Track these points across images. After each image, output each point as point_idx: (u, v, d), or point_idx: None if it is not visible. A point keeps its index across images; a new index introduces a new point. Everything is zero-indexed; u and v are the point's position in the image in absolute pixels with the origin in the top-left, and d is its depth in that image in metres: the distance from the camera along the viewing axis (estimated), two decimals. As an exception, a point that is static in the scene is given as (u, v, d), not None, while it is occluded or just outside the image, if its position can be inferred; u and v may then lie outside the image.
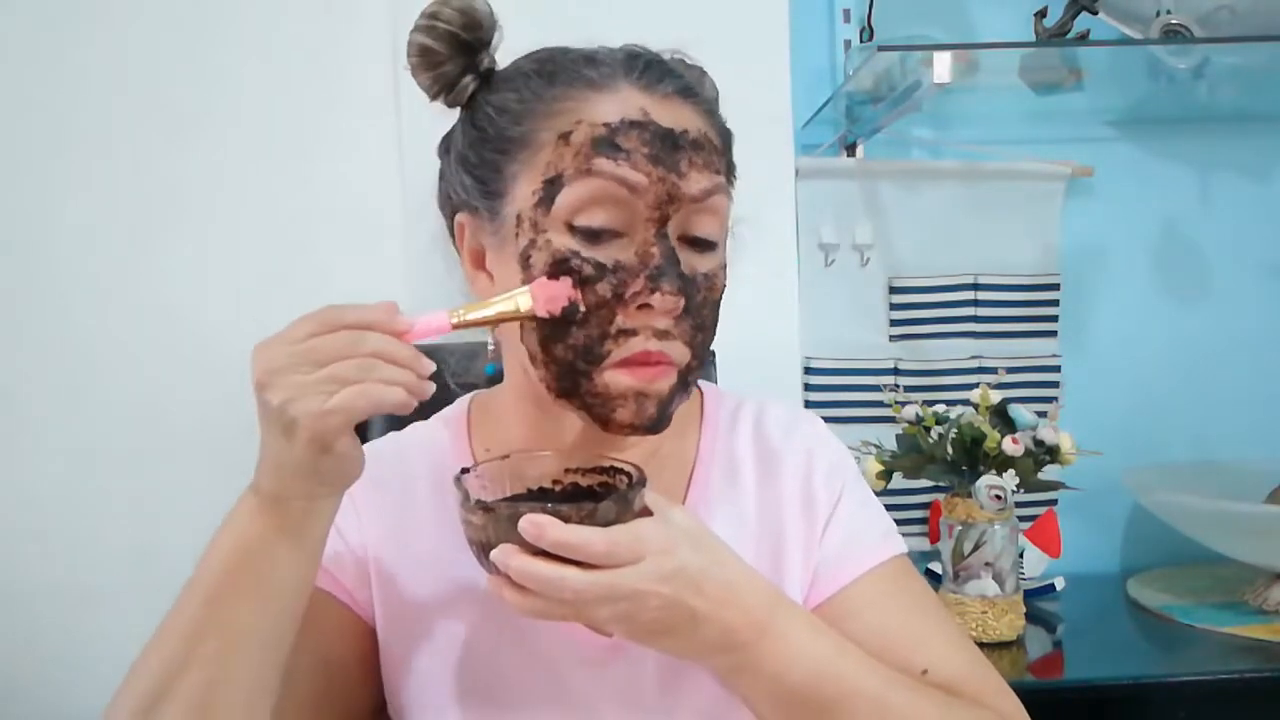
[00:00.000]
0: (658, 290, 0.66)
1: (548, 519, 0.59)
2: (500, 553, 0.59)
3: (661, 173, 0.67)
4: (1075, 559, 1.49)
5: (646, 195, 0.67)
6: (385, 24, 1.34)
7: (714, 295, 0.71)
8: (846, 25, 1.57)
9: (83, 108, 1.32)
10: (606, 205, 0.67)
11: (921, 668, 0.73)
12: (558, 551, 0.59)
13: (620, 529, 0.60)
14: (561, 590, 0.59)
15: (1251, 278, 1.63)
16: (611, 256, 0.67)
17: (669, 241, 0.67)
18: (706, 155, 0.69)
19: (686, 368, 0.70)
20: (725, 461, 0.81)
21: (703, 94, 0.72)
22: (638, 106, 0.68)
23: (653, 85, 0.69)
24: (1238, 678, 1.18)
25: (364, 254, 1.35)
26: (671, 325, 0.68)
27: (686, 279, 0.68)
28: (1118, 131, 1.62)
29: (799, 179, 1.47)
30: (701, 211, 0.69)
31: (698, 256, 0.70)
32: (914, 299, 1.57)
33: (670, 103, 0.69)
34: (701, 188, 0.68)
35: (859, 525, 0.79)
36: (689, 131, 0.68)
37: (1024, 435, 1.26)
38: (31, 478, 1.32)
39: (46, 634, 1.32)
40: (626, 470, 0.68)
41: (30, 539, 1.32)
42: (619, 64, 0.70)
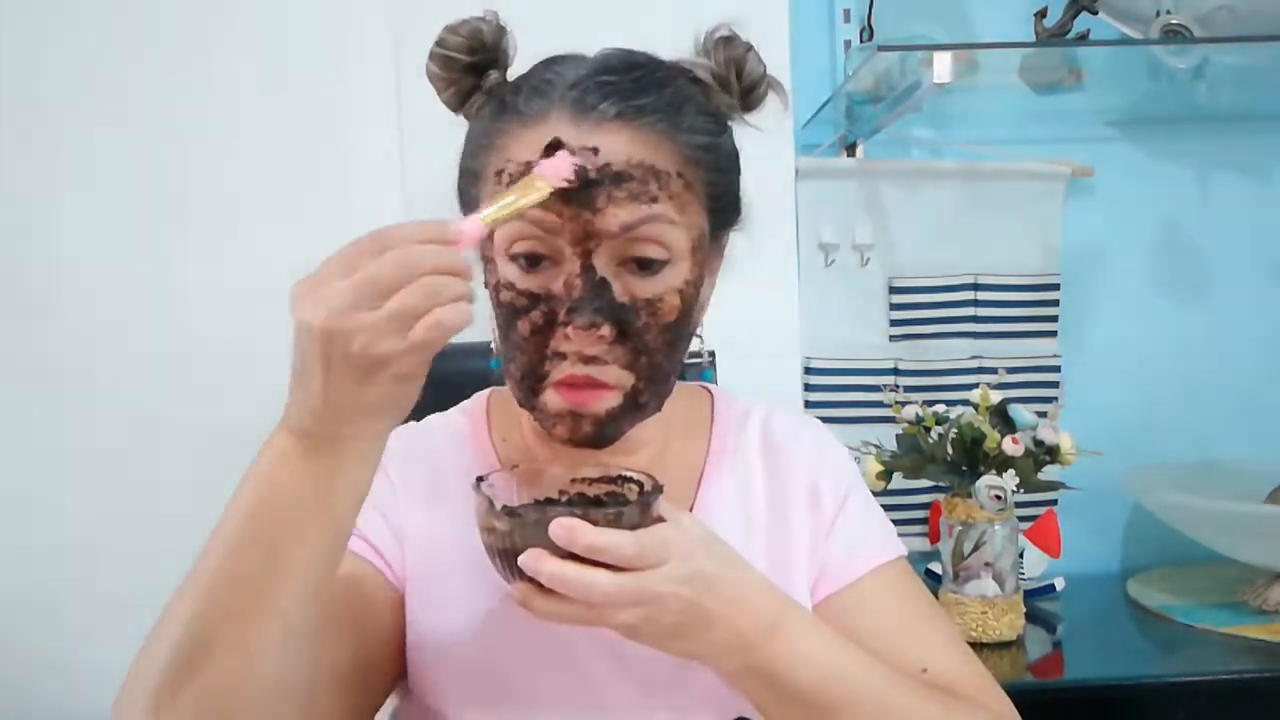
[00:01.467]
0: (570, 324, 0.67)
1: (580, 522, 0.59)
2: (530, 557, 0.60)
3: (574, 211, 0.66)
4: (1075, 559, 1.49)
5: (563, 233, 0.67)
6: (386, 29, 1.34)
7: (660, 319, 0.70)
8: (846, 25, 1.57)
9: (83, 110, 1.32)
10: (533, 239, 0.68)
11: (921, 667, 0.75)
12: (589, 555, 0.59)
13: (646, 533, 0.61)
14: (591, 593, 0.59)
15: (1251, 278, 1.63)
16: (544, 284, 0.69)
17: (595, 272, 0.68)
18: (634, 185, 0.67)
19: (633, 390, 0.70)
20: (735, 462, 0.82)
21: (653, 111, 0.68)
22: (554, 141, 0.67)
23: (585, 112, 0.68)
24: (1238, 678, 1.18)
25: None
26: (604, 351, 0.69)
27: (619, 306, 0.68)
28: (1118, 131, 1.62)
29: (799, 179, 1.47)
30: (631, 241, 0.68)
31: (639, 281, 0.69)
32: (914, 299, 1.56)
33: (602, 129, 0.67)
34: (620, 222, 0.67)
35: (863, 526, 0.82)
36: (611, 164, 0.67)
37: (1024, 435, 1.26)
38: (32, 478, 1.32)
39: (46, 634, 1.32)
40: (636, 479, 0.70)
41: (30, 539, 1.32)
42: (558, 92, 0.69)
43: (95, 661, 1.32)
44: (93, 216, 1.32)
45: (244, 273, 1.33)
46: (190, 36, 1.32)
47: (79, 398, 1.32)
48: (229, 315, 1.33)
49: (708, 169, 0.72)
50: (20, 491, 1.32)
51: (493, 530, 0.62)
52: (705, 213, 0.72)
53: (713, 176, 0.72)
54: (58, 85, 1.32)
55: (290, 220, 1.34)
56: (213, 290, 1.33)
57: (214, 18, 1.33)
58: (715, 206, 0.73)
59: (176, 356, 1.33)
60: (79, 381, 1.32)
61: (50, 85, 1.32)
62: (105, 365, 1.33)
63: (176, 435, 1.33)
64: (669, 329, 0.71)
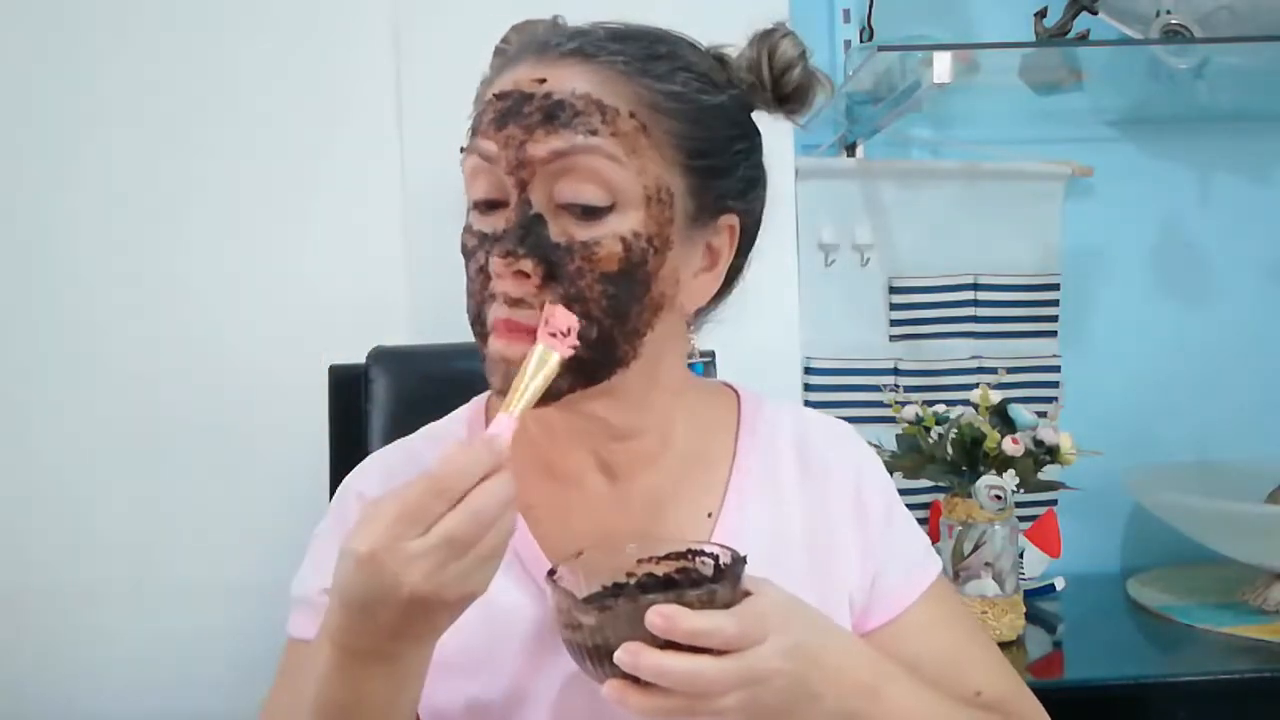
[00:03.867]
0: (491, 257, 0.65)
1: (679, 608, 0.56)
2: (627, 653, 0.56)
3: (508, 135, 0.65)
4: (1075, 559, 1.49)
5: (500, 162, 0.66)
6: (387, 26, 1.34)
7: (595, 266, 0.64)
8: (846, 25, 1.57)
9: (84, 109, 1.32)
10: (482, 178, 0.67)
11: (975, 689, 0.75)
12: (689, 641, 0.57)
13: (742, 608, 0.59)
14: (697, 682, 0.57)
15: (1251, 278, 1.63)
16: (494, 225, 0.67)
17: (530, 207, 0.65)
18: (571, 115, 0.64)
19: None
20: (765, 466, 0.79)
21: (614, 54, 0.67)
22: (515, 77, 0.67)
23: (547, 50, 0.67)
24: (1238, 678, 1.18)
25: (364, 254, 1.35)
26: (530, 293, 0.65)
27: (551, 245, 0.64)
28: (1118, 131, 1.62)
29: (799, 179, 1.47)
30: (564, 174, 0.64)
31: (577, 224, 0.65)
32: (914, 299, 1.56)
33: (559, 65, 0.66)
34: (551, 149, 0.64)
35: (911, 543, 0.81)
36: (553, 94, 0.65)
37: (1024, 435, 1.26)
38: (31, 477, 1.32)
39: (46, 634, 1.32)
40: (709, 551, 0.67)
41: (30, 539, 1.32)
42: (533, 39, 0.70)
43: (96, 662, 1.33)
44: (93, 216, 1.32)
45: (244, 272, 1.34)
46: (192, 35, 1.33)
47: (80, 396, 1.32)
48: (229, 314, 1.33)
49: (675, 117, 0.67)
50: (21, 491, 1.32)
51: (578, 627, 0.59)
52: (677, 168, 0.67)
53: (685, 128, 0.67)
54: (60, 87, 1.32)
55: (290, 219, 1.34)
56: (214, 289, 1.33)
57: (216, 17, 1.33)
58: (695, 164, 0.68)
59: (177, 355, 1.33)
60: (81, 380, 1.32)
61: (53, 87, 1.32)
62: (106, 364, 1.33)
63: (178, 434, 1.33)
64: (607, 279, 0.65)
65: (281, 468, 1.31)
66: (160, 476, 1.33)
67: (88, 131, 1.32)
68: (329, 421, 1.16)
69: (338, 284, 1.34)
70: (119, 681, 1.32)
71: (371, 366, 1.14)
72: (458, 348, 1.08)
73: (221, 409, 1.33)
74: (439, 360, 1.15)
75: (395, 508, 0.55)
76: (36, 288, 1.33)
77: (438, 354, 1.17)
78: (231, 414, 1.33)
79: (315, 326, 1.32)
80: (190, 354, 1.33)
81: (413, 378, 1.14)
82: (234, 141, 1.33)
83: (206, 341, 1.33)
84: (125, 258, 1.33)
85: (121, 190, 1.33)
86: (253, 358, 1.33)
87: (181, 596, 1.32)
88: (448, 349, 1.16)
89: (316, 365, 1.19)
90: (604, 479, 0.76)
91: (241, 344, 1.33)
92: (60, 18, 1.32)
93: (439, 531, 0.55)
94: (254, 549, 1.30)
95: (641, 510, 0.75)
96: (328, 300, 1.34)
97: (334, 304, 1.33)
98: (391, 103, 1.34)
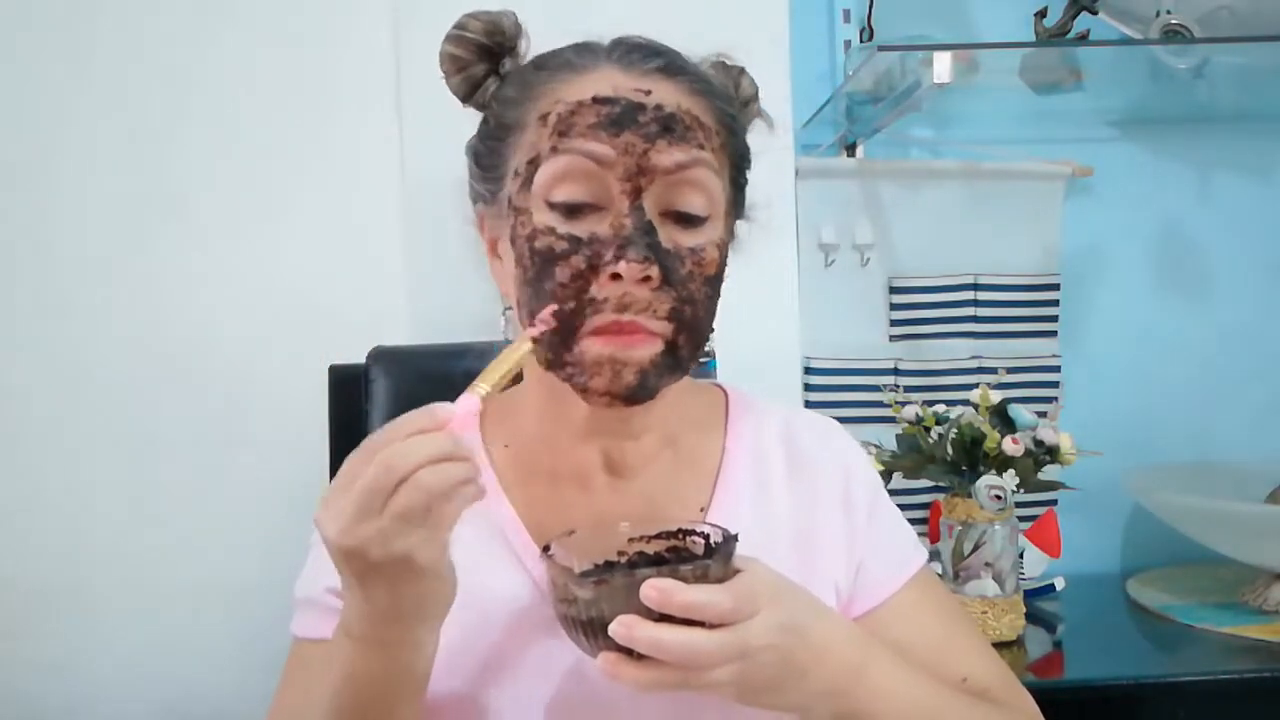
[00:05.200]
0: (623, 259, 0.66)
1: (674, 582, 0.57)
2: (622, 625, 0.57)
3: (628, 143, 0.67)
4: (1075, 559, 1.49)
5: (615, 168, 0.67)
6: (387, 25, 1.34)
7: (703, 270, 0.69)
8: (846, 25, 1.57)
9: (82, 109, 1.32)
10: (579, 179, 0.68)
11: (960, 675, 0.76)
12: (684, 614, 0.57)
13: (735, 584, 0.60)
14: (691, 654, 0.58)
15: (1251, 277, 1.63)
16: (588, 229, 0.68)
17: (644, 214, 0.67)
18: (684, 129, 0.68)
19: (673, 342, 0.69)
20: (753, 462, 0.81)
21: (692, 74, 0.72)
22: (611, 83, 0.69)
23: (633, 64, 0.70)
24: (1238, 678, 1.18)
25: (364, 254, 1.35)
26: (649, 296, 0.67)
27: (664, 251, 0.68)
28: (1118, 131, 1.62)
29: (799, 179, 1.47)
30: (680, 185, 0.68)
31: (682, 231, 0.69)
32: (914, 299, 1.56)
33: (650, 79, 0.70)
34: (675, 160, 0.68)
35: (896, 534, 0.83)
36: (664, 106, 0.68)
37: (1024, 435, 1.26)
38: (31, 478, 1.32)
39: (46, 634, 1.32)
40: (699, 531, 0.68)
41: (30, 540, 1.32)
42: (604, 48, 0.72)
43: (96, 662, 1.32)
44: (91, 215, 1.32)
45: (244, 272, 1.34)
46: (189, 33, 1.32)
47: (79, 396, 1.32)
48: (229, 314, 1.33)
49: (735, 135, 0.74)
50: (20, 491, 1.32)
51: (573, 600, 0.59)
52: (730, 182, 0.73)
53: (738, 146, 0.75)
54: (58, 86, 1.32)
55: (290, 219, 1.34)
56: (214, 289, 1.33)
57: (214, 15, 1.32)
58: (737, 178, 0.75)
59: (175, 356, 1.33)
60: (79, 379, 1.32)
61: (50, 86, 1.32)
62: (105, 365, 1.32)
63: (178, 434, 1.33)
64: (710, 282, 0.70)
65: (282, 468, 1.31)
66: (160, 476, 1.33)
67: (87, 131, 1.32)
68: (329, 421, 1.17)
69: (337, 284, 1.34)
70: (119, 681, 1.32)
71: (371, 366, 1.14)
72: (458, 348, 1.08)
73: (221, 409, 1.33)
74: (439, 360, 1.15)
75: (340, 472, 0.58)
76: (36, 287, 1.32)
77: (438, 354, 1.17)
78: (231, 414, 1.33)
79: (315, 326, 1.32)
80: (190, 354, 1.33)
81: (413, 378, 1.14)
82: (233, 141, 1.33)
83: (207, 341, 1.33)
84: (125, 257, 1.33)
85: (120, 190, 1.32)
86: (253, 358, 1.33)
87: (181, 596, 1.32)
88: (448, 349, 1.16)
89: (316, 365, 1.19)
90: (608, 476, 0.78)
91: (241, 344, 1.33)
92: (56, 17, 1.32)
93: (356, 485, 0.56)
94: (254, 549, 1.30)
95: (636, 504, 0.78)
96: (328, 300, 1.34)
97: (334, 304, 1.33)
98: (391, 102, 1.34)
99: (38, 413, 1.33)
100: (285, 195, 1.34)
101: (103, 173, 1.32)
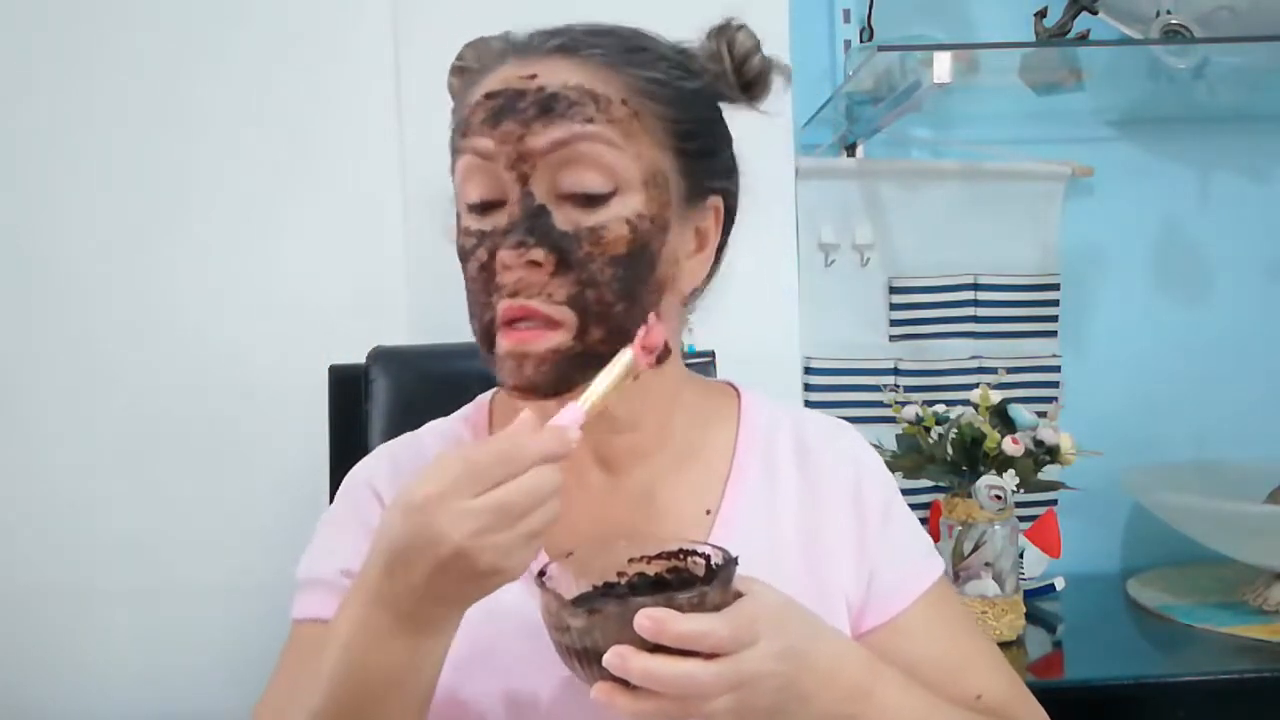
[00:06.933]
0: (502, 246, 0.66)
1: (668, 612, 0.56)
2: (616, 656, 0.56)
3: (505, 131, 0.66)
4: (1075, 559, 1.49)
5: (499, 159, 0.67)
6: (387, 26, 1.34)
7: (605, 250, 0.67)
8: (846, 25, 1.57)
9: (84, 109, 1.32)
10: (476, 177, 0.68)
11: (975, 693, 0.74)
12: (679, 645, 0.56)
13: (733, 612, 0.58)
14: (687, 686, 0.56)
15: (1251, 278, 1.63)
16: (493, 223, 0.68)
17: (534, 199, 0.66)
18: (567, 105, 0.66)
19: (582, 328, 0.67)
20: (764, 464, 0.80)
21: (595, 49, 0.69)
22: (502, 77, 0.68)
23: (530, 49, 0.70)
24: (1238, 678, 1.18)
25: (364, 254, 1.35)
26: (543, 280, 0.66)
27: (560, 234, 0.66)
28: (1118, 131, 1.62)
29: (799, 179, 1.47)
30: (567, 164, 0.66)
31: (581, 212, 0.67)
32: (914, 299, 1.56)
33: (544, 61, 0.68)
34: (550, 139, 0.66)
35: (910, 543, 0.80)
36: (546, 86, 0.67)
37: (1024, 435, 1.26)
38: (31, 477, 1.32)
39: (46, 634, 1.32)
40: (700, 551, 0.66)
41: (30, 539, 1.32)
42: (512, 42, 0.72)
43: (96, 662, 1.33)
44: (93, 216, 1.32)
45: (244, 272, 1.34)
46: (191, 35, 1.32)
47: (80, 395, 1.32)
48: (229, 314, 1.33)
49: (663, 102, 0.69)
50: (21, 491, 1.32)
51: (567, 629, 0.58)
52: (669, 151, 0.70)
53: (673, 112, 0.70)
54: (59, 87, 1.32)
55: (290, 219, 1.34)
56: (214, 289, 1.33)
57: (216, 20, 1.33)
58: (685, 147, 0.71)
59: (177, 355, 1.33)
60: (80, 378, 1.32)
61: (52, 87, 1.32)
62: (106, 364, 1.33)
63: (178, 434, 1.33)
64: (617, 262, 0.67)
65: (282, 468, 1.31)
66: (160, 476, 1.33)
67: (86, 131, 1.32)
68: (329, 421, 1.16)
69: (337, 284, 1.34)
70: (119, 681, 1.32)
71: (371, 366, 1.14)
72: (458, 348, 1.08)
73: (221, 408, 1.33)
74: (439, 360, 1.15)
75: (459, 466, 0.57)
76: (36, 286, 1.33)
77: (438, 354, 1.17)
78: (232, 414, 1.33)
79: (315, 327, 1.32)
80: (190, 354, 1.33)
81: (413, 378, 1.14)
82: (235, 144, 1.33)
83: (207, 341, 1.33)
84: (124, 256, 1.33)
85: (120, 191, 1.32)
86: (253, 358, 1.33)
87: (181, 596, 1.32)
88: (448, 349, 1.16)
89: (316, 365, 1.19)
90: (601, 473, 0.77)
91: (241, 344, 1.33)
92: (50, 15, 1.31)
93: (495, 496, 0.56)
94: (254, 549, 1.30)
95: (638, 504, 0.76)
96: (327, 300, 1.34)
97: (334, 304, 1.33)
98: (391, 102, 1.34)
99: (39, 413, 1.33)
100: (286, 196, 1.34)
101: (106, 178, 1.32)
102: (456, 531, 0.56)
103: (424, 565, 0.57)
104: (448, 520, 0.56)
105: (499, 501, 0.56)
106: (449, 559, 0.56)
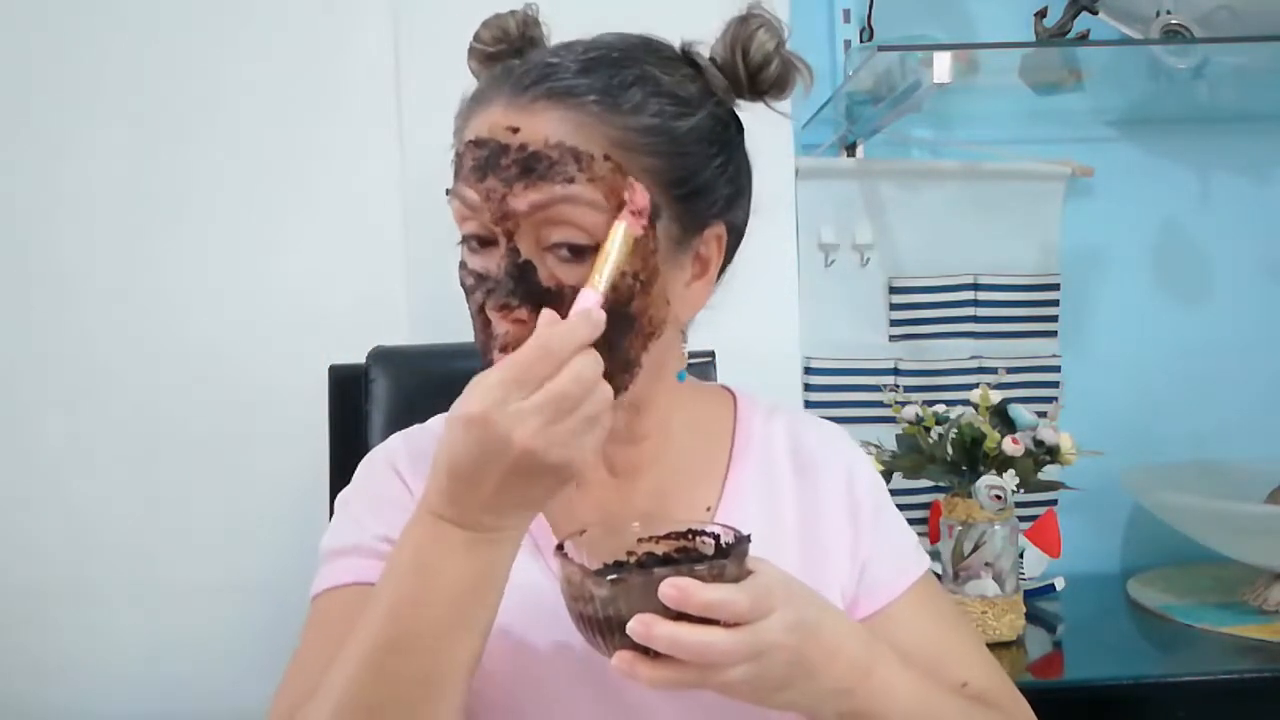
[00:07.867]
0: (488, 305, 0.68)
1: (693, 581, 0.57)
2: (640, 623, 0.57)
3: (489, 188, 0.67)
4: (1075, 559, 1.49)
5: (483, 213, 0.68)
6: (387, 26, 1.34)
7: None
8: (846, 25, 1.57)
9: (84, 109, 1.32)
10: (468, 218, 0.69)
11: (961, 680, 0.76)
12: (702, 613, 0.58)
13: (750, 583, 0.60)
14: (709, 653, 0.58)
15: (1251, 278, 1.63)
16: (486, 265, 0.69)
17: (518, 254, 0.67)
18: (548, 166, 0.66)
19: None
20: (761, 464, 0.82)
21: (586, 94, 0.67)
22: (489, 122, 0.68)
23: (520, 91, 0.68)
24: (1238, 678, 1.18)
25: (364, 254, 1.35)
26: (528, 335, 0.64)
27: (540, 291, 0.67)
28: (1118, 131, 1.62)
29: (799, 179, 1.47)
30: (549, 222, 0.66)
31: (564, 266, 0.67)
32: (914, 299, 1.57)
33: (529, 110, 0.67)
34: (530, 202, 0.66)
35: (899, 539, 0.83)
36: (528, 145, 0.66)
37: (1024, 435, 1.26)
38: (33, 478, 1.32)
39: (46, 634, 1.32)
40: (709, 531, 0.68)
41: (30, 539, 1.32)
42: (508, 73, 0.70)
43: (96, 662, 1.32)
44: (93, 217, 1.32)
45: (244, 272, 1.34)
46: (189, 34, 1.32)
47: (80, 395, 1.32)
48: (229, 314, 1.33)
49: (650, 153, 0.68)
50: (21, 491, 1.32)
51: (589, 599, 0.59)
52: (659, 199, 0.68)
53: (661, 163, 0.68)
54: (59, 87, 1.32)
55: (290, 219, 1.34)
56: (214, 289, 1.33)
57: (214, 16, 1.33)
58: (676, 193, 0.69)
59: (176, 355, 1.33)
60: (80, 378, 1.32)
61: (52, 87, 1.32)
62: (106, 364, 1.32)
63: (178, 434, 1.33)
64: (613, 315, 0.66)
65: (282, 468, 1.31)
66: (160, 476, 1.33)
67: (85, 130, 1.32)
68: (329, 421, 1.16)
69: (337, 284, 1.34)
70: (120, 681, 1.32)
71: (371, 366, 1.15)
72: (458, 348, 1.08)
73: (221, 409, 1.33)
74: (439, 360, 1.15)
75: (501, 373, 0.58)
76: (36, 286, 1.33)
77: (438, 354, 1.17)
78: (231, 414, 1.33)
79: (315, 327, 1.32)
80: (190, 354, 1.33)
81: (413, 378, 1.14)
82: (233, 140, 1.33)
83: (206, 341, 1.33)
84: (124, 256, 1.33)
85: (119, 190, 1.32)
86: (253, 358, 1.33)
87: (181, 596, 1.32)
88: (448, 349, 1.16)
89: (316, 365, 1.19)
90: (608, 476, 0.80)
91: (241, 344, 1.33)
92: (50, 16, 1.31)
93: (548, 390, 0.58)
94: (254, 549, 1.30)
95: (644, 503, 0.79)
96: (327, 300, 1.34)
97: (334, 304, 1.33)
98: (391, 102, 1.34)
99: (40, 413, 1.32)
100: (286, 196, 1.34)
101: (106, 175, 1.32)
102: (521, 432, 0.57)
103: (495, 473, 0.58)
104: (509, 423, 0.57)
105: (552, 394, 0.58)
106: (519, 460, 0.58)
